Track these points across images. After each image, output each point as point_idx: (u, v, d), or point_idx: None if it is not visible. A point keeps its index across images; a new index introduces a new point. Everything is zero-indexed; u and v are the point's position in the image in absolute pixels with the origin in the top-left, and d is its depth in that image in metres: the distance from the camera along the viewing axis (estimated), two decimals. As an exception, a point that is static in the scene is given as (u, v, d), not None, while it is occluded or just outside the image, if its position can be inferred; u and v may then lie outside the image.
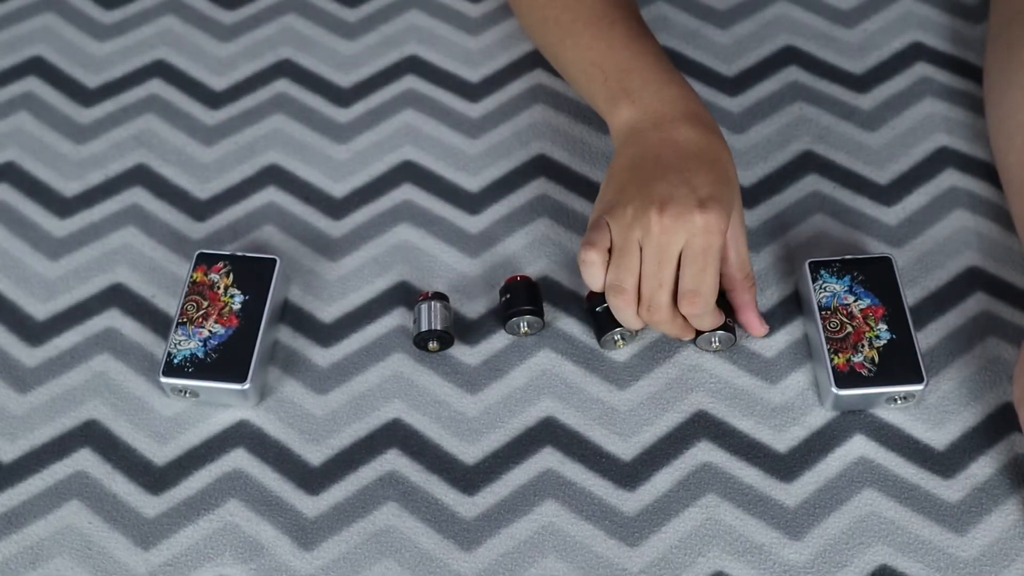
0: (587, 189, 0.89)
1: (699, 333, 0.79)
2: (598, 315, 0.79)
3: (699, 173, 0.74)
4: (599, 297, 0.78)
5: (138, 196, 0.90)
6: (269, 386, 0.81)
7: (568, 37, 0.83)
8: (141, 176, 0.91)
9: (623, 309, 0.76)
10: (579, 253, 0.76)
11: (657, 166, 0.75)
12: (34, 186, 0.91)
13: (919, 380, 0.75)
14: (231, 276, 0.82)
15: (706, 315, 0.76)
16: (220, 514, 0.75)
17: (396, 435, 0.78)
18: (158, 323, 0.84)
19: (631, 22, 0.81)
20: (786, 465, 0.76)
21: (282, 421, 0.79)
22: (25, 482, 0.77)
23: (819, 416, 0.78)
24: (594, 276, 0.76)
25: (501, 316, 0.81)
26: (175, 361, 0.78)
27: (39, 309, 0.85)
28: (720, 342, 0.79)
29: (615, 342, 0.80)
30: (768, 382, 0.79)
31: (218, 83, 0.97)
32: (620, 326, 0.78)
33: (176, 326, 0.79)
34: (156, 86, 0.97)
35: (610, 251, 0.75)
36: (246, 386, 0.77)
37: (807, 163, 0.89)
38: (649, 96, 0.78)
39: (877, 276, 0.80)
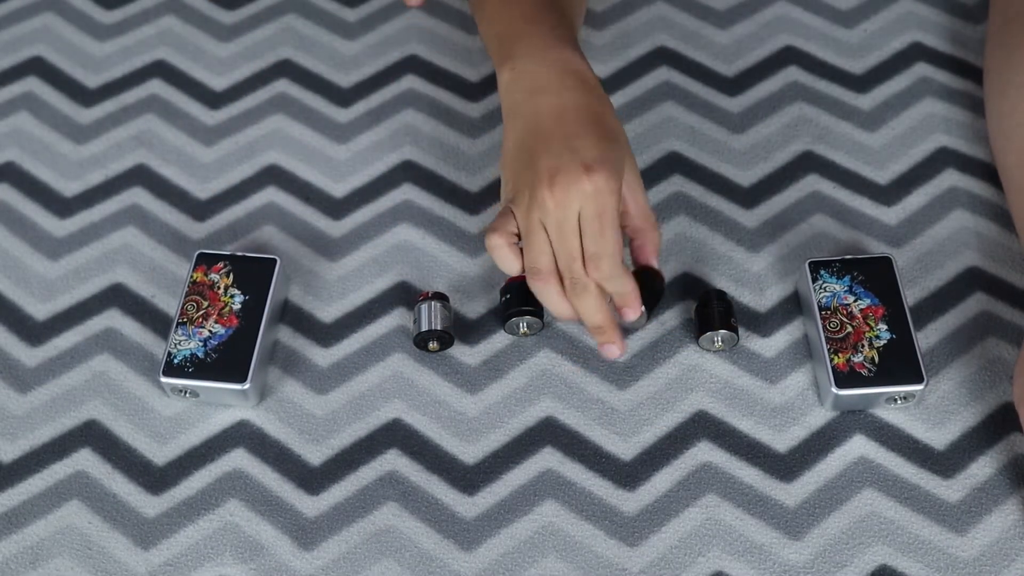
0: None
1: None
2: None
3: (581, 136, 0.73)
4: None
5: (138, 196, 0.90)
6: (269, 386, 0.81)
7: (479, 10, 0.82)
8: (141, 176, 0.91)
9: (545, 292, 0.75)
10: (485, 241, 0.75)
11: (539, 138, 0.74)
12: (34, 186, 0.91)
13: (919, 380, 0.75)
14: (231, 276, 0.82)
15: (615, 277, 0.73)
16: (220, 514, 0.75)
17: (396, 435, 0.78)
18: (158, 323, 0.84)
19: None
20: (786, 465, 0.76)
21: (282, 421, 0.79)
22: (25, 482, 0.77)
23: (819, 416, 0.78)
24: (504, 260, 0.75)
25: (501, 316, 0.81)
26: (175, 361, 0.78)
27: (39, 309, 0.85)
28: (722, 342, 0.79)
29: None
30: (768, 382, 0.79)
31: (218, 83, 0.97)
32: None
33: (176, 326, 0.79)
34: (156, 86, 0.97)
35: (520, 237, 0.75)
36: (246, 386, 0.77)
37: (807, 163, 0.89)
38: (529, 61, 0.76)
39: (877, 276, 0.80)
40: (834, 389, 0.75)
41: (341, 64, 0.97)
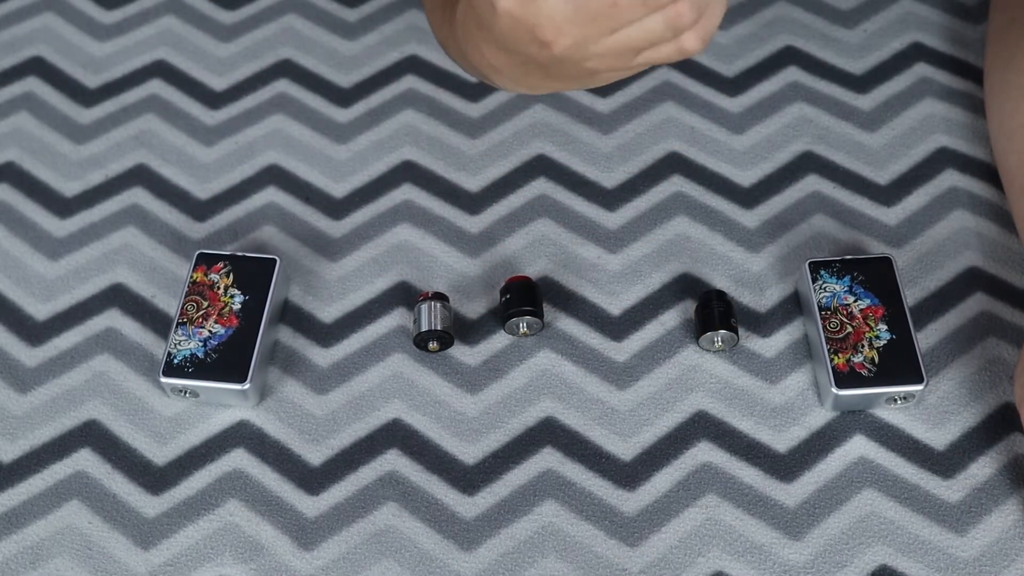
0: (587, 189, 0.89)
1: None
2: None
3: None
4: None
5: (138, 196, 0.90)
6: (269, 386, 0.81)
7: None
8: (141, 176, 0.91)
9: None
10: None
11: None
12: (34, 186, 0.91)
13: (919, 380, 0.75)
14: (231, 276, 0.82)
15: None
16: (220, 514, 0.76)
17: (396, 435, 0.78)
18: (158, 323, 0.84)
19: None
20: (786, 465, 0.76)
21: (282, 421, 0.79)
22: (25, 482, 0.77)
23: (819, 416, 0.78)
24: None
25: (501, 316, 0.81)
26: (175, 361, 0.78)
27: (39, 309, 0.85)
28: (722, 342, 0.79)
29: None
30: (768, 382, 0.79)
31: (218, 83, 0.97)
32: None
33: (176, 326, 0.79)
34: (156, 86, 0.97)
35: None
36: (246, 386, 0.77)
37: (807, 163, 0.89)
38: None
39: (877, 276, 0.80)
40: (834, 389, 0.75)
41: (341, 64, 0.97)
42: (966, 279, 0.83)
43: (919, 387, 0.75)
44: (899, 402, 0.76)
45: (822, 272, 0.80)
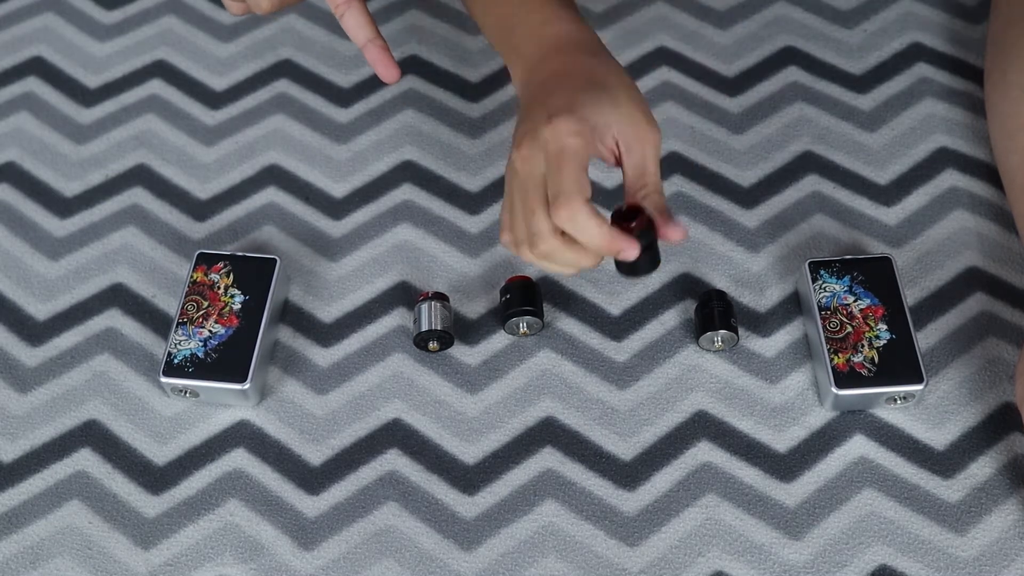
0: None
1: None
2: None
3: (557, 93, 0.68)
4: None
5: (138, 196, 0.90)
6: (269, 386, 0.81)
7: (474, 4, 0.79)
8: (141, 176, 0.91)
9: (527, 260, 0.69)
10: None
11: (525, 113, 0.70)
12: (34, 186, 0.91)
13: (919, 380, 0.75)
14: (231, 276, 0.82)
15: (577, 220, 0.64)
16: (220, 514, 0.76)
17: (396, 435, 0.78)
18: (158, 323, 0.84)
19: None
20: (786, 465, 0.76)
21: (282, 421, 0.79)
22: (25, 482, 0.77)
23: (819, 416, 0.78)
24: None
25: (501, 316, 0.81)
26: (175, 361, 0.78)
27: (39, 309, 0.85)
28: (722, 342, 0.79)
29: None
30: (768, 382, 0.79)
31: (218, 83, 0.97)
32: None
33: (176, 326, 0.79)
34: (156, 86, 0.97)
35: None
36: (246, 386, 0.77)
37: (807, 163, 0.89)
38: (530, 45, 0.73)
39: (877, 276, 0.80)
40: (834, 389, 0.75)
41: (341, 64, 0.97)
42: (966, 279, 0.83)
43: (919, 387, 0.75)
44: (899, 402, 0.76)
45: (822, 272, 0.80)
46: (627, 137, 0.68)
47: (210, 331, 0.79)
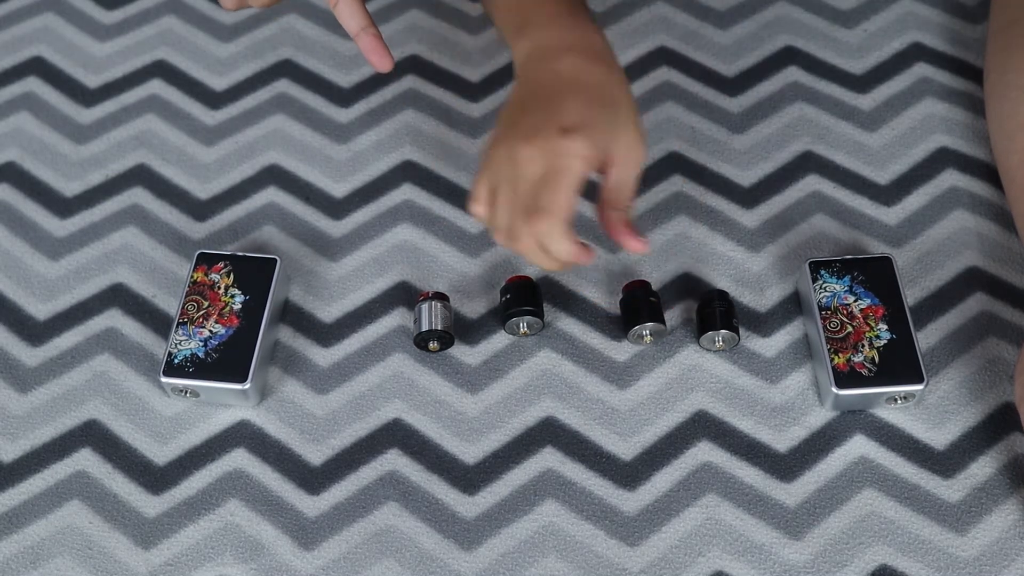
0: (589, 189, 0.88)
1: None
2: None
3: (571, 100, 0.72)
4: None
5: (138, 196, 0.90)
6: (269, 386, 0.81)
7: None
8: (141, 176, 0.91)
9: (497, 239, 0.73)
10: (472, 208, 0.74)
11: (532, 99, 0.73)
12: (35, 186, 0.91)
13: (919, 380, 0.75)
14: (231, 276, 0.82)
15: (552, 236, 0.70)
16: (220, 514, 0.76)
17: (396, 435, 0.78)
18: (158, 323, 0.84)
19: None
20: (786, 465, 0.76)
21: (282, 421, 0.79)
22: (26, 482, 0.77)
23: (819, 416, 0.78)
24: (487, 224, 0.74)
25: (501, 316, 0.81)
26: (176, 361, 0.78)
27: (40, 309, 0.85)
28: (723, 342, 0.79)
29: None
30: (768, 382, 0.79)
31: (218, 83, 0.97)
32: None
33: (176, 326, 0.79)
34: (156, 86, 0.97)
35: None
36: (246, 386, 0.77)
37: (807, 163, 0.89)
38: (541, 29, 0.76)
39: (877, 276, 0.80)
40: (834, 389, 0.75)
41: (341, 64, 0.97)
42: (966, 279, 0.83)
43: (919, 387, 0.75)
44: (899, 402, 0.76)
45: (822, 272, 0.80)
46: (621, 156, 0.72)
47: (210, 331, 0.79)
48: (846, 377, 0.75)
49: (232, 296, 0.81)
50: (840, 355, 0.76)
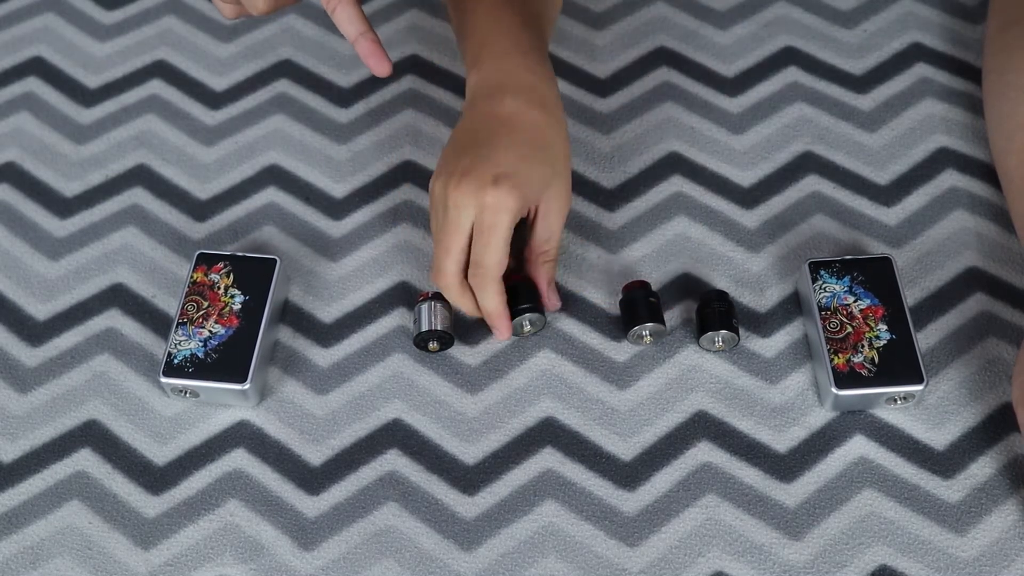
0: (587, 189, 0.89)
1: (516, 328, 0.79)
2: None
3: (505, 147, 0.74)
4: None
5: (138, 196, 0.90)
6: (269, 386, 0.81)
7: (452, 8, 0.85)
8: (141, 176, 0.91)
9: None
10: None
11: (471, 139, 0.76)
12: (34, 186, 0.91)
13: (919, 380, 0.75)
14: (231, 276, 0.82)
15: (486, 290, 0.75)
16: (220, 514, 0.76)
17: (396, 435, 0.78)
18: (158, 323, 0.84)
19: None
20: (786, 465, 0.76)
21: (282, 421, 0.79)
22: (25, 482, 0.77)
23: (819, 416, 0.78)
24: None
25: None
26: (175, 361, 0.78)
27: (39, 309, 0.85)
28: (723, 342, 0.79)
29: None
30: (768, 382, 0.79)
31: (218, 83, 0.97)
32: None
33: (176, 326, 0.79)
34: (156, 86, 0.97)
35: None
36: (246, 386, 0.77)
37: (807, 163, 0.89)
38: (490, 65, 0.78)
39: (877, 276, 0.80)
40: (834, 389, 0.75)
41: (341, 64, 0.97)
42: (966, 279, 0.83)
43: (919, 387, 0.75)
44: (899, 402, 0.76)
45: (822, 272, 0.80)
46: (549, 206, 0.77)
47: (210, 331, 0.79)
48: (846, 377, 0.75)
49: (232, 296, 0.81)
50: (840, 355, 0.76)
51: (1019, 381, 0.72)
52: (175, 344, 0.78)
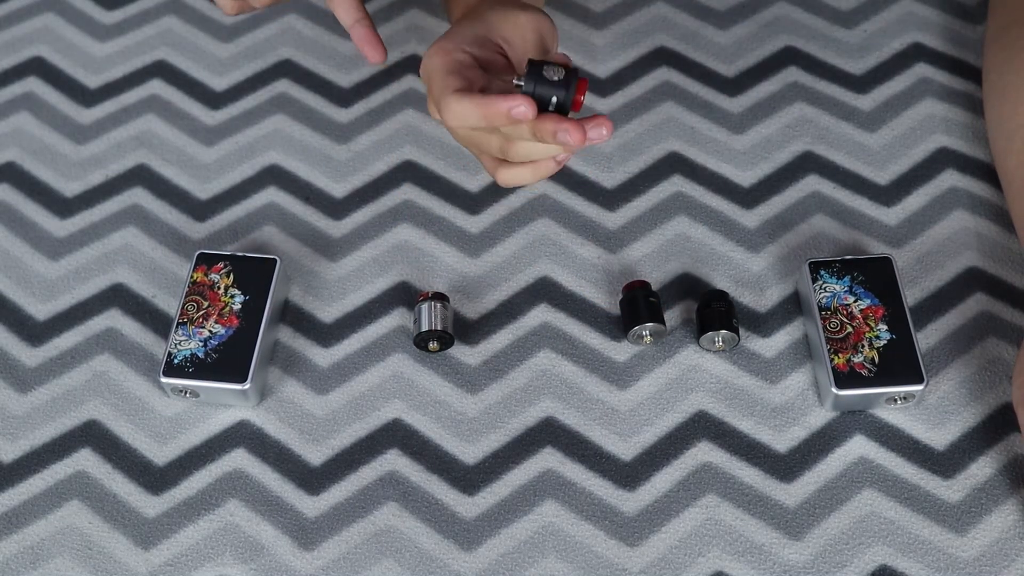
0: (587, 189, 0.89)
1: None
2: (626, 309, 0.80)
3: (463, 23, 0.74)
4: (625, 294, 0.79)
5: (138, 196, 0.90)
6: (269, 386, 0.81)
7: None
8: (141, 176, 0.91)
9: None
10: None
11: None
12: (34, 186, 0.91)
13: (919, 380, 0.75)
14: (231, 276, 0.82)
15: (452, 108, 0.68)
16: (220, 514, 0.76)
17: (396, 435, 0.78)
18: (158, 323, 0.84)
19: None
20: (786, 465, 0.76)
21: (282, 421, 0.79)
22: (25, 482, 0.77)
23: (819, 416, 0.78)
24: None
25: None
26: (175, 361, 0.78)
27: (39, 309, 0.85)
28: (723, 342, 0.79)
29: (643, 337, 0.80)
30: (768, 382, 0.79)
31: (218, 83, 0.97)
32: (643, 320, 0.79)
33: (176, 326, 0.79)
34: (156, 86, 0.97)
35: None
36: (246, 386, 0.77)
37: (807, 163, 0.89)
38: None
39: (877, 276, 0.80)
40: (834, 389, 0.75)
41: (341, 64, 0.97)
42: (966, 279, 0.83)
43: (919, 387, 0.75)
44: (899, 402, 0.76)
45: (822, 272, 0.80)
46: (505, 32, 0.73)
47: (210, 331, 0.79)
48: (846, 377, 0.75)
49: (232, 296, 0.81)
50: (840, 355, 0.76)
51: (1019, 381, 0.72)
52: (175, 344, 0.78)
